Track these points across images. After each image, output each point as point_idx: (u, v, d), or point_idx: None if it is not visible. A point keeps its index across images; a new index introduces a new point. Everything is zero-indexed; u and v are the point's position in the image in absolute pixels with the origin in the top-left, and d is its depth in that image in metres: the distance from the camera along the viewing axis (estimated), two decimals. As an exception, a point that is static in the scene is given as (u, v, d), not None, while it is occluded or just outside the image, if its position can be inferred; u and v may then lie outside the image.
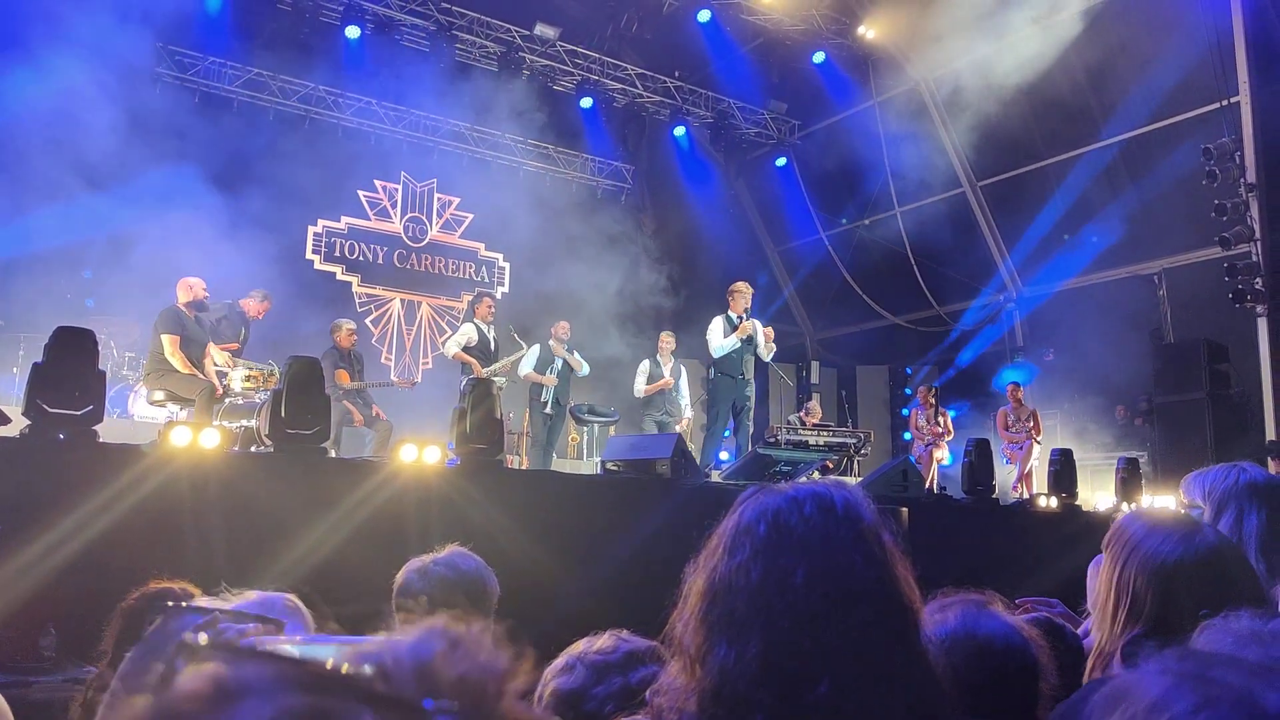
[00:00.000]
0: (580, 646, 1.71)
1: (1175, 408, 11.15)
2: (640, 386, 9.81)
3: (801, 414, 11.94)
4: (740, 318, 9.01)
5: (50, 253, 9.62)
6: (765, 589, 1.16)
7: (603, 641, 1.71)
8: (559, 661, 1.71)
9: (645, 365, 9.92)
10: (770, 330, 9.27)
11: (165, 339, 7.37)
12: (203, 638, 1.19)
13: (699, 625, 1.20)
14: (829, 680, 1.10)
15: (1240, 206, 10.50)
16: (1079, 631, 2.25)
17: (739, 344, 8.95)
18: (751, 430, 9.33)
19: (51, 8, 9.52)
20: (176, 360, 7.36)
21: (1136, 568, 1.69)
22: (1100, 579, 1.79)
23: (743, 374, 9.02)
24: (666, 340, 10.08)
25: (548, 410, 9.46)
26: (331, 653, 1.19)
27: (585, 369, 9.80)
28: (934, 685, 1.17)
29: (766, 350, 9.17)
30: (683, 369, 10.16)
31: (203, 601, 1.41)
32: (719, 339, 8.99)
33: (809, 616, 1.13)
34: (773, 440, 8.56)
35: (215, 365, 7.82)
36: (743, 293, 9.11)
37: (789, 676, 1.12)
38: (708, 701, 1.16)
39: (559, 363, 9.58)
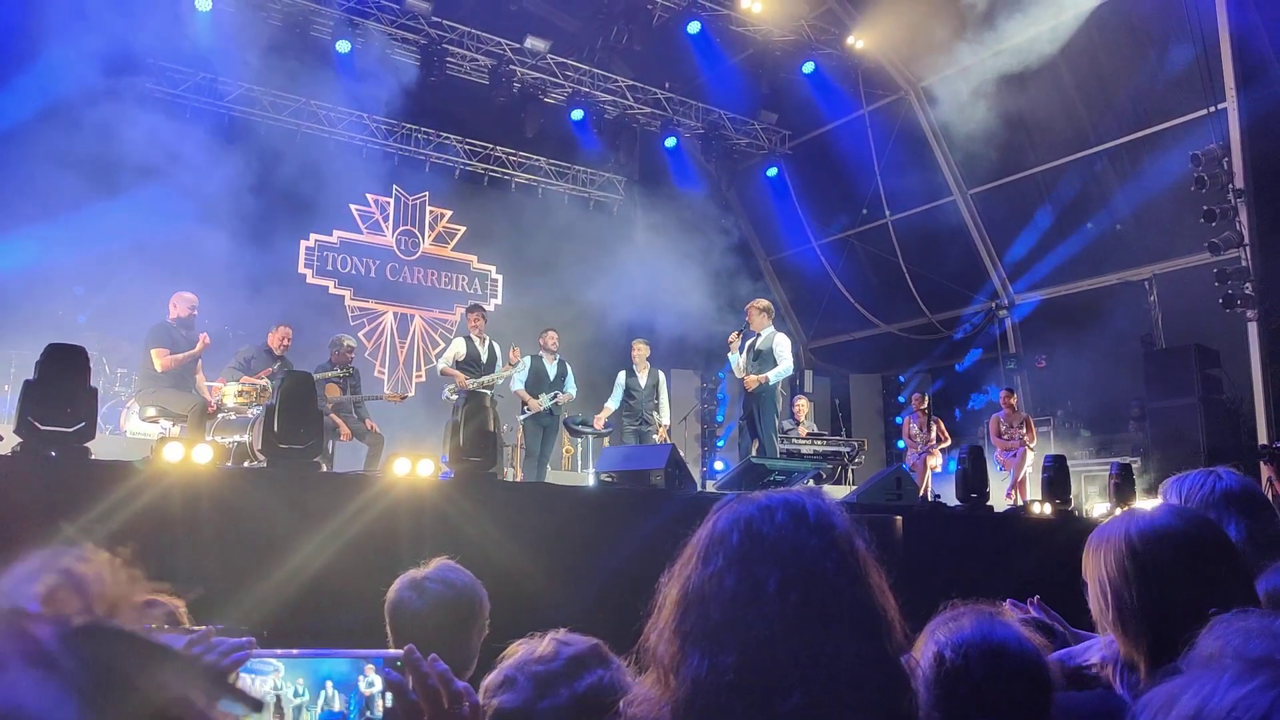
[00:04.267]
0: (519, 653, 1.64)
1: (1167, 413, 11.19)
2: (615, 401, 9.78)
3: (794, 412, 11.90)
4: (754, 334, 9.20)
5: (41, 269, 9.60)
6: (738, 598, 1.15)
7: (542, 648, 1.63)
8: (495, 676, 1.61)
9: (621, 377, 9.86)
10: (750, 380, 8.95)
11: (153, 353, 7.37)
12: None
13: (673, 635, 1.19)
14: (801, 691, 1.09)
15: (1229, 212, 10.55)
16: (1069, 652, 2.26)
17: (736, 356, 9.16)
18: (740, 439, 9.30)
19: (42, 25, 9.52)
20: (159, 359, 7.37)
21: (1103, 563, 1.74)
22: (1090, 596, 1.81)
23: (744, 388, 9.05)
24: (640, 348, 9.97)
25: (541, 423, 9.45)
26: (312, 663, 1.20)
27: (574, 393, 9.75)
28: (908, 695, 1.16)
29: (748, 379, 9.02)
30: (660, 375, 10.00)
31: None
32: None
33: (782, 626, 1.12)
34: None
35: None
36: (748, 309, 9.32)
37: (762, 687, 1.10)
38: (681, 712, 1.15)
39: (551, 374, 9.56)
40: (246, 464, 7.13)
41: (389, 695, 1.22)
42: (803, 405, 12.09)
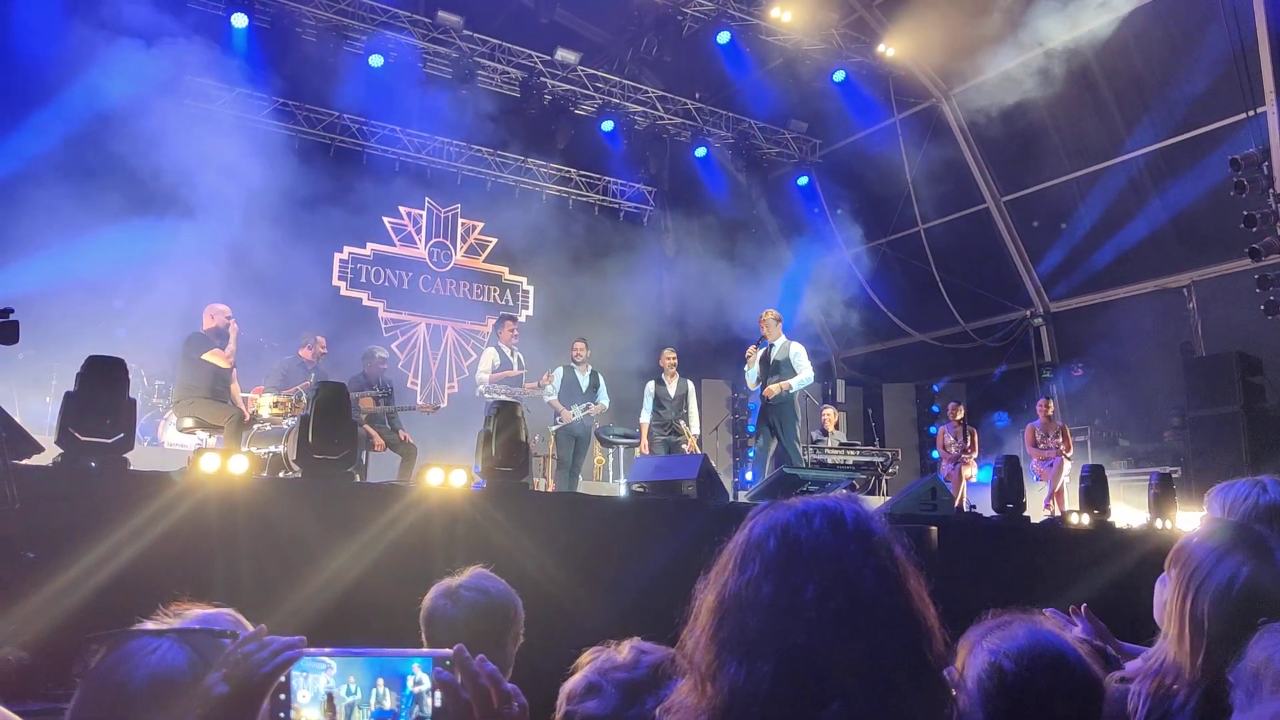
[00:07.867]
0: (599, 660, 1.65)
1: (1208, 422, 11.00)
2: (647, 413, 9.75)
3: (821, 422, 11.86)
4: (768, 344, 9.10)
5: (81, 283, 9.75)
6: (776, 606, 1.14)
7: (623, 655, 1.63)
8: (578, 681, 1.63)
9: (650, 387, 9.84)
10: (771, 388, 8.93)
11: (206, 357, 7.52)
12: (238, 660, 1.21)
13: (709, 643, 1.18)
14: (840, 700, 1.08)
15: (1270, 217, 10.36)
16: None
17: (755, 369, 9.07)
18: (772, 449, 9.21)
19: (78, 41, 9.69)
20: (220, 360, 7.54)
21: (1204, 598, 1.71)
22: (1169, 602, 1.79)
23: (768, 400, 8.98)
24: (669, 357, 9.91)
25: (573, 433, 9.44)
26: (363, 661, 1.21)
27: (607, 403, 9.74)
28: (948, 704, 1.15)
29: (770, 387, 8.96)
30: (689, 385, 9.94)
31: (148, 624, 1.42)
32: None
33: (820, 635, 1.11)
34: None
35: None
36: (762, 320, 9.24)
37: (800, 696, 1.09)
38: None
39: (584, 385, 9.55)
40: (282, 474, 7.19)
41: (438, 694, 1.23)
42: (830, 415, 12.02)
